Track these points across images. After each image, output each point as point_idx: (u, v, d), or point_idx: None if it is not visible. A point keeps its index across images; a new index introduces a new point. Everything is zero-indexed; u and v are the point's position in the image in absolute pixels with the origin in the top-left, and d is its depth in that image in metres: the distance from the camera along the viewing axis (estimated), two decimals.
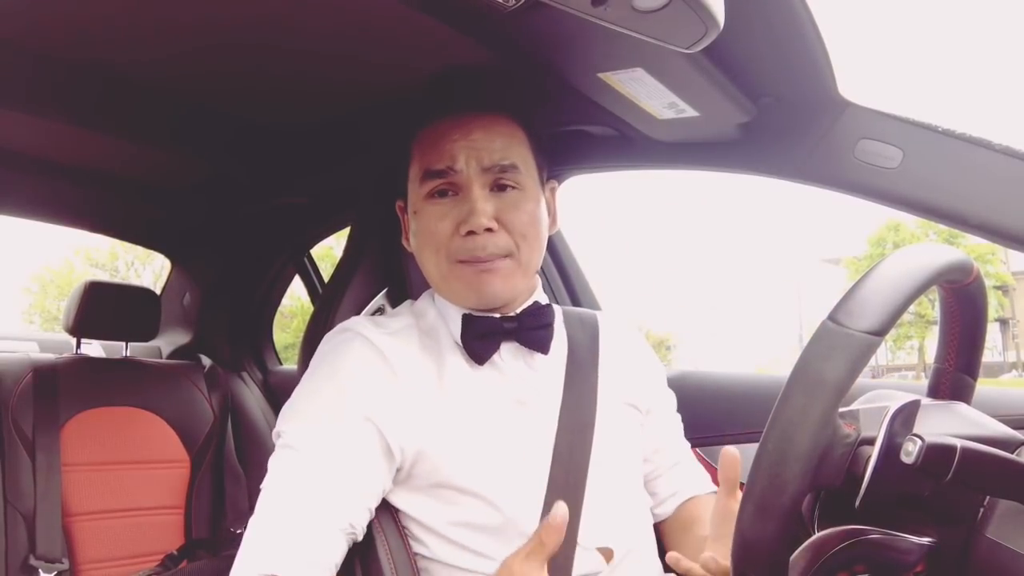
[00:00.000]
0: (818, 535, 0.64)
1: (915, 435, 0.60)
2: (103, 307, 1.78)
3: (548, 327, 0.95)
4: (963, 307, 0.72)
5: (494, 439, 0.89)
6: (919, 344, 22.53)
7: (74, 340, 1.81)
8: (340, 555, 0.83)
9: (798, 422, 0.57)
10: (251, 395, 2.04)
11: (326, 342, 0.94)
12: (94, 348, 1.99)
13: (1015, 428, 0.69)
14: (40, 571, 1.47)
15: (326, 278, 1.68)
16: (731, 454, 0.81)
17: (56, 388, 1.63)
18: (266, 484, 0.84)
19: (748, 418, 1.27)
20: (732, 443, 0.95)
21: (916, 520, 0.66)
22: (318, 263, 2.15)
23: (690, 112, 1.04)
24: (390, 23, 0.94)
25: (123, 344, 1.88)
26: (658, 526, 1.03)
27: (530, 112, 0.98)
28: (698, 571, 0.79)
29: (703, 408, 1.29)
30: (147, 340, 1.91)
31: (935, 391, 0.75)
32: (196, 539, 1.69)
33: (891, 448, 0.61)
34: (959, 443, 0.59)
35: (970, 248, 13.93)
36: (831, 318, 0.59)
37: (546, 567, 0.73)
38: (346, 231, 1.32)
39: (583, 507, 0.89)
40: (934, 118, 0.98)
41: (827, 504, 0.68)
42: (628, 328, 1.12)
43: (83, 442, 1.62)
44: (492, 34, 0.90)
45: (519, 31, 0.88)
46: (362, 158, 1.36)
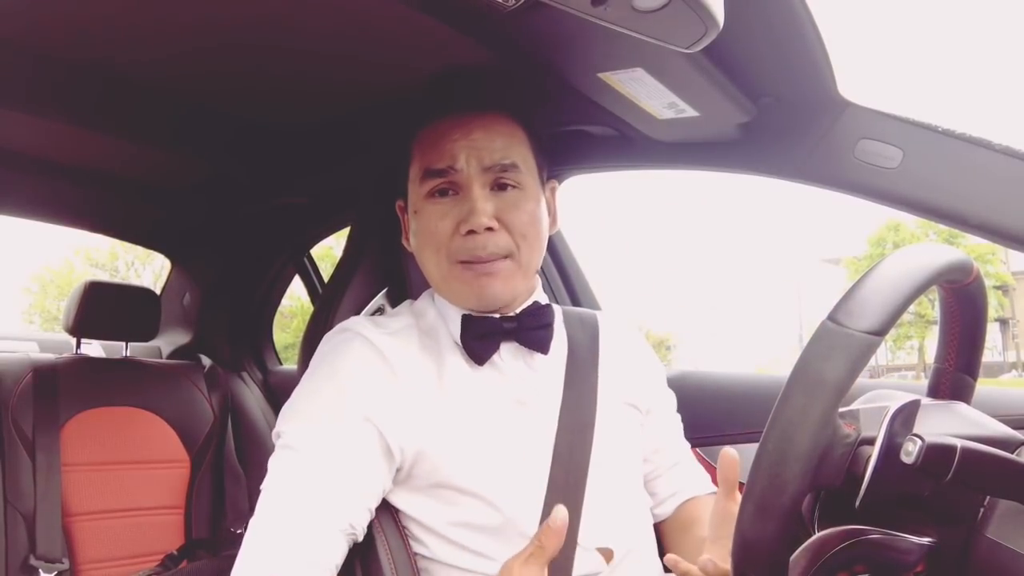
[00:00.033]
0: (818, 535, 0.64)
1: (915, 435, 0.60)
2: (103, 307, 1.78)
3: (548, 327, 0.95)
4: (963, 307, 0.72)
5: (494, 439, 0.89)
6: (919, 344, 22.53)
7: (74, 340, 1.81)
8: (340, 556, 0.83)
9: (798, 422, 0.57)
10: (251, 395, 2.04)
11: (326, 342, 0.94)
12: (94, 348, 1.99)
13: (1015, 428, 0.69)
14: (40, 571, 1.48)
15: (326, 278, 1.68)
16: (730, 455, 0.80)
17: (56, 388, 1.63)
18: (266, 485, 0.84)
19: (748, 418, 1.27)
20: (732, 443, 0.95)
21: (916, 520, 0.66)
22: (318, 263, 2.15)
23: (690, 112, 1.04)
24: (390, 23, 0.94)
25: (123, 344, 1.88)
26: (657, 526, 1.03)
27: (530, 112, 0.98)
28: (696, 574, 0.78)
29: (703, 408, 1.29)
30: (147, 340, 1.91)
31: (935, 391, 0.75)
32: (196, 539, 1.70)
33: (891, 448, 0.61)
34: (959, 443, 0.59)
35: (970, 248, 13.93)
36: (831, 318, 0.59)
37: (546, 570, 0.73)
38: (346, 231, 1.31)
39: (583, 507, 0.89)
40: (934, 118, 0.98)
41: (827, 504, 0.68)
42: (628, 328, 1.12)
43: (83, 442, 1.62)
44: (492, 34, 0.90)
45: (519, 31, 0.88)
46: (362, 158, 1.36)
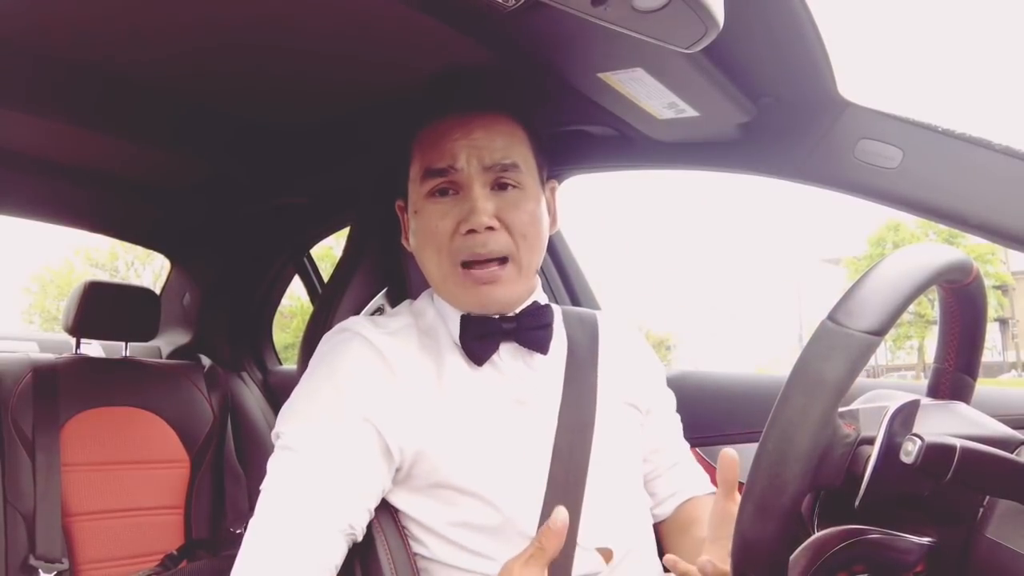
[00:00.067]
0: (818, 535, 0.64)
1: (915, 435, 0.60)
2: (103, 307, 1.78)
3: (547, 327, 0.95)
4: (963, 307, 0.72)
5: (493, 439, 0.89)
6: (919, 344, 22.53)
7: (74, 340, 1.81)
8: (340, 556, 0.83)
9: (798, 422, 0.57)
10: (251, 395, 2.04)
11: (325, 342, 0.94)
12: (94, 348, 1.99)
13: (1015, 428, 0.69)
14: (40, 571, 1.47)
15: (326, 278, 1.68)
16: (729, 456, 0.80)
17: (56, 388, 1.63)
18: (265, 485, 0.84)
19: (748, 418, 1.27)
20: (732, 443, 0.96)
21: (916, 520, 0.66)
22: (318, 263, 2.15)
23: (690, 112, 1.04)
24: (390, 23, 0.94)
25: (123, 344, 1.88)
26: (657, 527, 1.03)
27: (530, 112, 0.98)
28: (695, 574, 0.78)
29: (703, 408, 1.29)
30: (147, 340, 1.91)
31: (935, 391, 0.75)
32: (196, 539, 1.69)
33: (891, 448, 0.61)
34: (959, 443, 0.59)
35: (970, 248, 13.94)
36: (831, 318, 0.59)
37: (547, 571, 0.73)
38: (346, 231, 1.32)
39: (583, 507, 0.89)
40: (934, 118, 0.98)
41: (827, 504, 0.68)
42: (628, 328, 1.12)
43: (83, 442, 1.62)
44: (492, 34, 0.90)
45: (519, 31, 0.88)
46: (362, 158, 1.36)
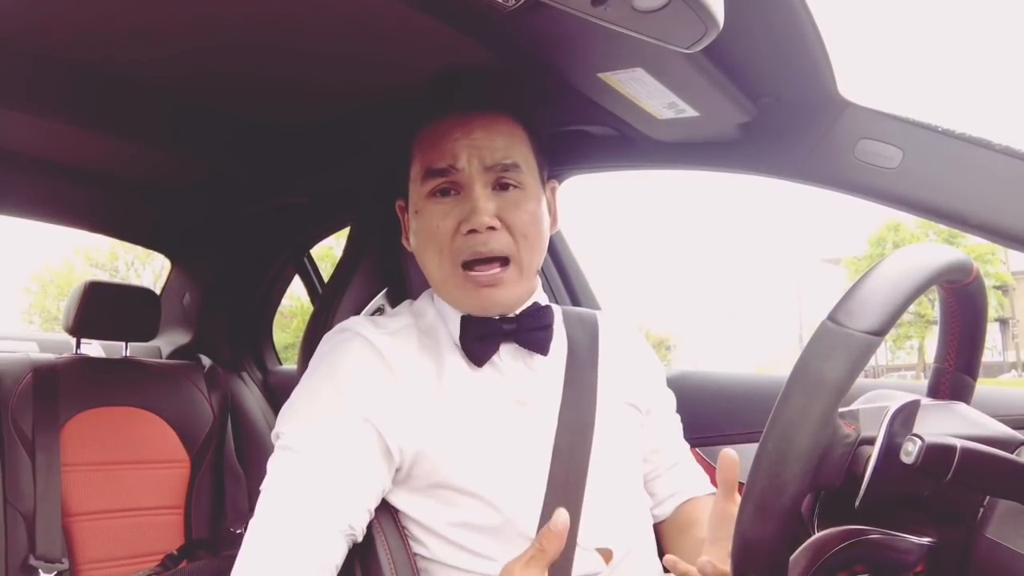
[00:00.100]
0: (818, 535, 0.64)
1: (915, 435, 0.60)
2: (103, 307, 1.78)
3: (547, 328, 0.95)
4: (963, 307, 0.72)
5: (493, 439, 0.89)
6: (919, 344, 22.53)
7: (74, 340, 1.81)
8: (340, 556, 0.83)
9: (798, 422, 0.57)
10: (251, 395, 2.04)
11: (325, 342, 0.94)
12: (94, 348, 1.99)
13: (1015, 428, 0.69)
14: (40, 571, 1.47)
15: (326, 278, 1.68)
16: (729, 456, 0.80)
17: (56, 388, 1.63)
18: (265, 486, 0.84)
19: (748, 418, 1.27)
20: (732, 443, 0.96)
21: (916, 520, 0.66)
22: (318, 263, 2.15)
23: (690, 112, 1.04)
24: (390, 23, 0.94)
25: (123, 344, 1.88)
26: (656, 527, 1.03)
27: (530, 112, 0.98)
28: (695, 574, 0.78)
29: (703, 408, 1.29)
30: (147, 340, 1.91)
31: (935, 391, 0.75)
32: (196, 539, 1.70)
33: (891, 448, 0.61)
34: (959, 443, 0.59)
35: (970, 248, 13.94)
36: (831, 318, 0.59)
37: (547, 573, 0.73)
38: (346, 231, 1.32)
39: (583, 507, 0.89)
40: (934, 118, 0.98)
41: (827, 504, 0.68)
42: (628, 328, 1.12)
43: (83, 442, 1.62)
44: (492, 34, 0.90)
45: (519, 31, 0.88)
46: (362, 158, 1.36)
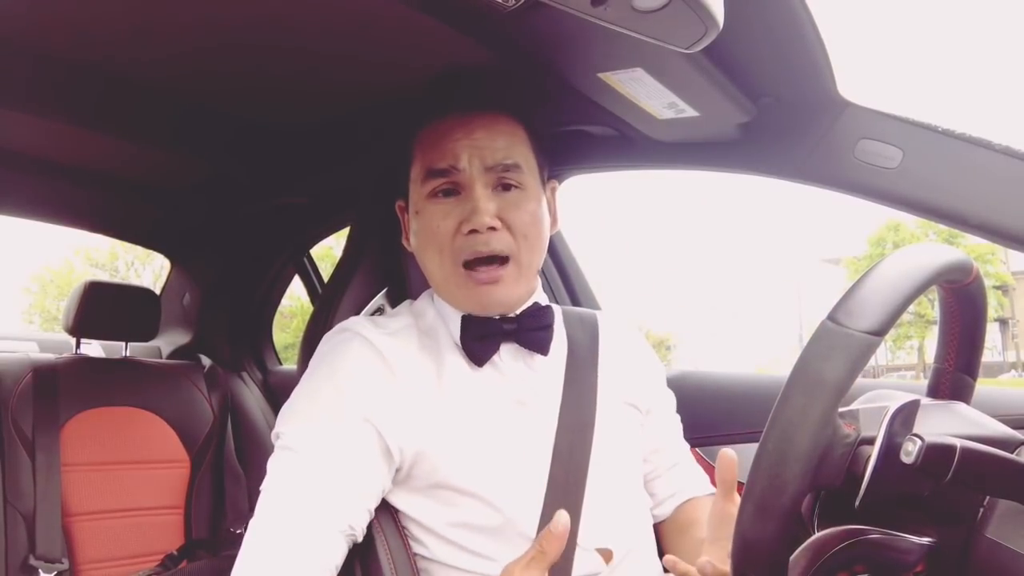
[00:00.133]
0: (818, 535, 0.64)
1: (915, 435, 0.60)
2: (103, 307, 1.78)
3: (548, 328, 0.95)
4: (963, 307, 0.72)
5: (493, 440, 0.89)
6: (919, 344, 22.53)
7: (74, 340, 1.81)
8: (340, 556, 0.83)
9: (798, 422, 0.57)
10: (251, 395, 2.04)
11: (325, 342, 0.94)
12: (94, 348, 1.99)
13: (1015, 428, 0.69)
14: (40, 571, 1.48)
15: (326, 278, 1.68)
16: (728, 456, 0.80)
17: (56, 388, 1.63)
18: (265, 486, 0.84)
19: (748, 418, 1.27)
20: (732, 443, 0.96)
21: (916, 520, 0.66)
22: (318, 263, 2.15)
23: (690, 112, 1.04)
24: (390, 23, 0.94)
25: (123, 344, 1.88)
26: (656, 527, 1.02)
27: (531, 112, 0.98)
28: (695, 575, 0.78)
29: (703, 408, 1.29)
30: (147, 340, 1.91)
31: (935, 391, 0.75)
32: (196, 539, 1.70)
33: (891, 448, 0.61)
34: (959, 443, 0.59)
35: (970, 248, 13.94)
36: (831, 318, 0.59)
37: (547, 574, 0.73)
38: (346, 231, 1.32)
39: (583, 508, 0.88)
40: (934, 118, 0.98)
41: (827, 504, 0.68)
42: (628, 328, 1.12)
43: (83, 442, 1.62)
44: (492, 34, 0.90)
45: (519, 31, 0.88)
46: (362, 158, 1.36)
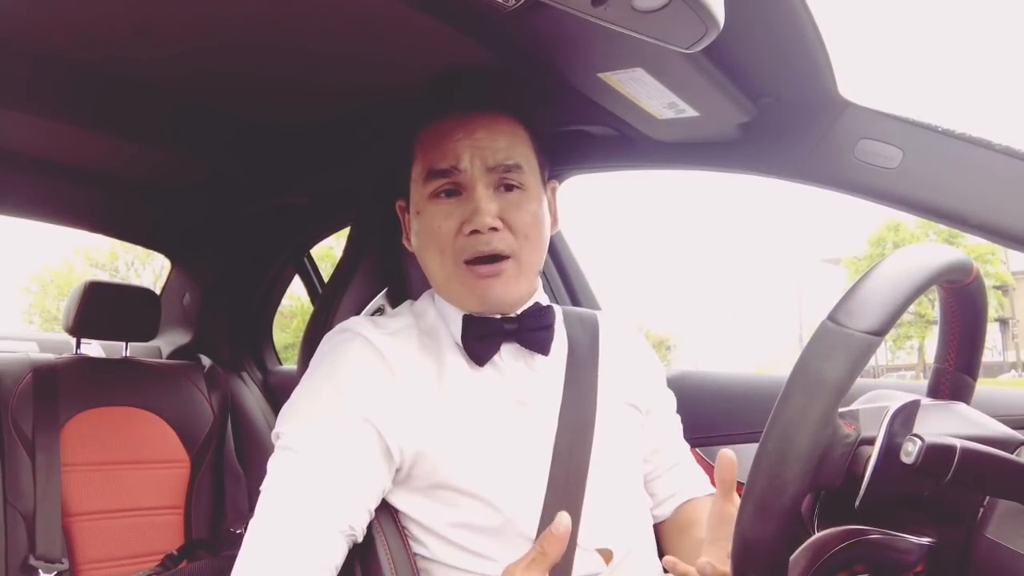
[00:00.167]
0: (818, 535, 0.64)
1: (915, 435, 0.60)
2: (103, 307, 1.78)
3: (549, 328, 0.95)
4: (963, 307, 0.72)
5: (494, 440, 0.89)
6: (919, 344, 22.53)
7: (74, 340, 1.81)
8: (340, 556, 0.83)
9: (798, 422, 0.57)
10: (251, 395, 2.04)
11: (325, 342, 0.94)
12: (94, 348, 1.99)
13: (1015, 428, 0.69)
14: (40, 571, 1.47)
15: (326, 278, 1.68)
16: (727, 456, 0.80)
17: (56, 388, 1.63)
18: (265, 486, 0.84)
19: (748, 418, 1.27)
20: (732, 443, 0.96)
21: (916, 520, 0.66)
22: (318, 263, 2.15)
23: (690, 112, 1.04)
24: (390, 23, 0.94)
25: (123, 344, 1.88)
26: (656, 527, 1.02)
27: (531, 112, 0.98)
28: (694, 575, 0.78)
29: (703, 408, 1.29)
30: (147, 340, 1.91)
31: (935, 391, 0.75)
32: (196, 539, 1.70)
33: (891, 448, 0.61)
34: (959, 443, 0.59)
35: (970, 248, 13.94)
36: (831, 318, 0.59)
37: (548, 575, 0.73)
38: (346, 231, 1.32)
39: (583, 508, 0.88)
40: (934, 118, 0.98)
41: (827, 504, 0.68)
42: (628, 328, 1.12)
43: (83, 442, 1.62)
44: (492, 34, 0.90)
45: (519, 31, 0.88)
46: (362, 158, 1.36)
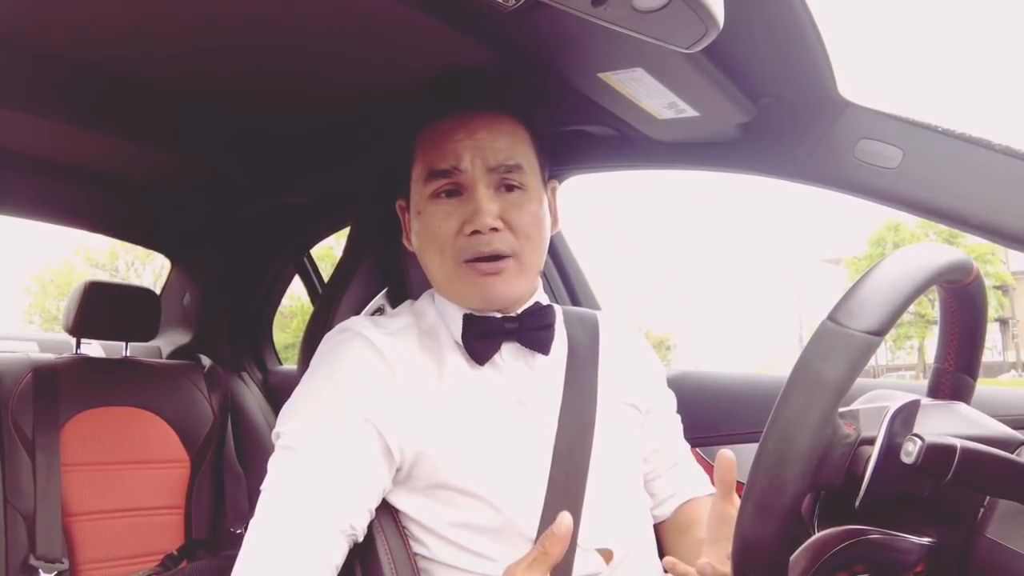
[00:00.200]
0: (818, 535, 0.64)
1: (915, 435, 0.60)
2: (103, 307, 1.78)
3: (549, 328, 0.95)
4: (963, 307, 0.72)
5: (494, 440, 0.89)
6: (919, 344, 22.53)
7: (74, 340, 1.81)
8: (341, 556, 0.83)
9: (798, 422, 0.57)
10: (251, 395, 2.04)
11: (326, 342, 0.94)
12: (94, 348, 1.99)
13: (1015, 428, 0.69)
14: (40, 571, 1.48)
15: (326, 278, 1.68)
16: (726, 457, 0.80)
17: (56, 388, 1.63)
18: (266, 485, 0.84)
19: (748, 418, 1.27)
20: (732, 443, 0.96)
21: (916, 520, 0.66)
22: (318, 263, 2.15)
23: (690, 112, 1.04)
24: (390, 23, 0.94)
25: (123, 344, 1.88)
26: (656, 527, 1.02)
27: (532, 112, 0.98)
28: None
29: (703, 408, 1.29)
30: (147, 340, 1.91)
31: (935, 391, 0.75)
32: (196, 539, 1.70)
33: (891, 448, 0.61)
34: (959, 443, 0.59)
35: (970, 248, 13.94)
36: (831, 318, 0.59)
37: (549, 575, 0.73)
38: (346, 231, 1.32)
39: (583, 508, 0.88)
40: (934, 118, 0.98)
41: (827, 504, 0.68)
42: (628, 328, 1.12)
43: (83, 442, 1.62)
44: (492, 34, 0.90)
45: (519, 31, 0.88)
46: (362, 158, 1.37)
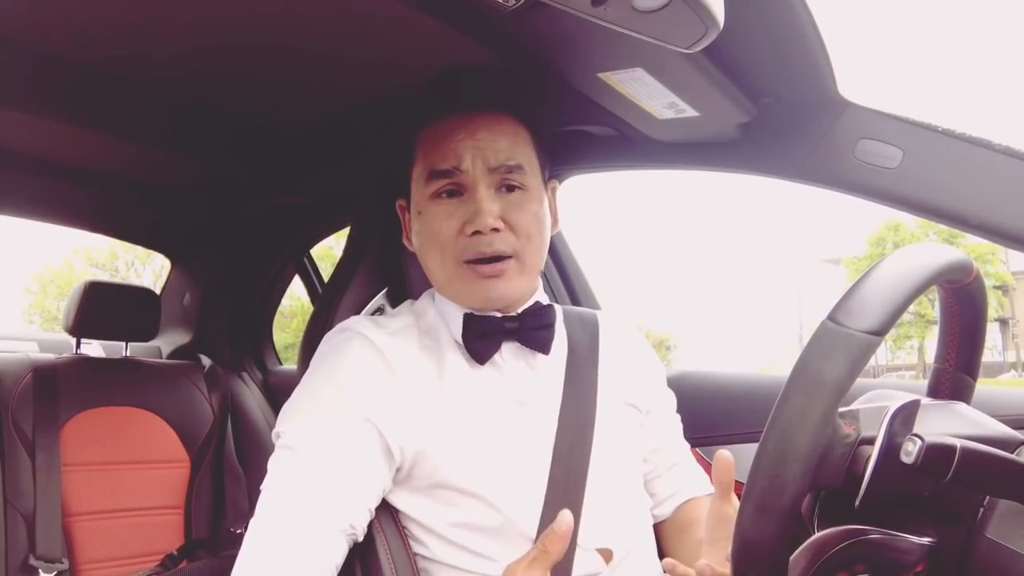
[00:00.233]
0: (818, 535, 0.64)
1: (915, 435, 0.60)
2: (103, 307, 1.78)
3: (549, 327, 0.95)
4: (963, 307, 0.72)
5: (494, 439, 0.89)
6: (919, 344, 22.53)
7: (74, 340, 1.81)
8: (341, 556, 0.83)
9: (798, 422, 0.57)
10: (251, 395, 2.04)
11: (326, 342, 0.94)
12: (94, 348, 1.99)
13: (1015, 428, 0.69)
14: (40, 571, 1.48)
15: (326, 278, 1.68)
16: (724, 457, 0.80)
17: (56, 388, 1.63)
18: (266, 485, 0.84)
19: (748, 418, 1.27)
20: (732, 443, 0.96)
21: (916, 520, 0.66)
22: (318, 263, 2.15)
23: (690, 112, 1.04)
24: (390, 23, 0.94)
25: (123, 344, 1.89)
26: (656, 527, 1.02)
27: (532, 112, 0.98)
28: None
29: (703, 408, 1.29)
30: (147, 340, 1.91)
31: (935, 391, 0.75)
32: (196, 539, 1.70)
33: (891, 448, 0.61)
34: (959, 443, 0.59)
35: (970, 248, 13.93)
36: (831, 318, 0.59)
37: (549, 574, 0.73)
38: (346, 231, 1.32)
39: (583, 508, 0.88)
40: (934, 118, 0.98)
41: (827, 504, 0.68)
42: (628, 327, 1.12)
43: (83, 442, 1.62)
44: (492, 34, 0.90)
45: (519, 31, 0.88)
46: (362, 158, 1.36)
